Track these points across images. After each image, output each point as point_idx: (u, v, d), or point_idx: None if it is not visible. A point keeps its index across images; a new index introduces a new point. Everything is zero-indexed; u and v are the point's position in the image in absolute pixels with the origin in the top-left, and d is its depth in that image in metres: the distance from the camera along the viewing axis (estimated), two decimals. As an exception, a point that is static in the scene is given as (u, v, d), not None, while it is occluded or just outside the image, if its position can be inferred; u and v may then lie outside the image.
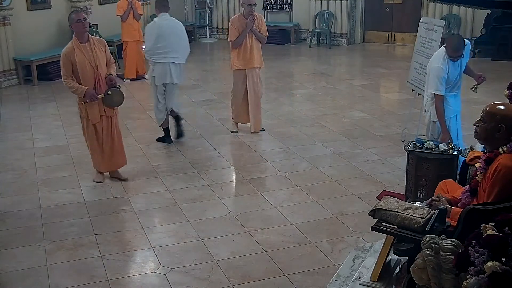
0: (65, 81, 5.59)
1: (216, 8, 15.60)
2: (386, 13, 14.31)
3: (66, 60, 5.52)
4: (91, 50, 5.56)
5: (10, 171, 6.35)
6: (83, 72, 5.53)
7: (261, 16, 7.49)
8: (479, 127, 3.42)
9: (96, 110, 5.68)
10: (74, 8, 11.82)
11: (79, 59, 5.49)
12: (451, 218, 3.39)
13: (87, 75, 5.54)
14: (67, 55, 5.51)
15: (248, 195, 5.63)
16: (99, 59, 5.59)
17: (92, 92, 5.54)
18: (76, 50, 5.50)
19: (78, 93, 5.56)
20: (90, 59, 5.54)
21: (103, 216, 5.22)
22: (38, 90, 10.24)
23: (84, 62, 5.51)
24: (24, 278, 4.24)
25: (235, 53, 7.31)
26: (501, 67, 11.29)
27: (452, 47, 5.17)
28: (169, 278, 4.19)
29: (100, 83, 5.60)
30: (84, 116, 5.72)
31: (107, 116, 5.77)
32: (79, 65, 5.50)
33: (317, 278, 4.14)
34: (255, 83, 7.35)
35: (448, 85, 5.33)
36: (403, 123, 7.41)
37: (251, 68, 7.29)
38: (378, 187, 5.72)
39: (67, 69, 5.54)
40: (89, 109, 5.65)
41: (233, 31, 7.20)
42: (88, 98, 5.55)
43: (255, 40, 7.26)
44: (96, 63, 5.57)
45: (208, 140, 7.26)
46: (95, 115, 5.68)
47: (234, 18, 7.33)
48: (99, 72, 5.59)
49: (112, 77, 5.70)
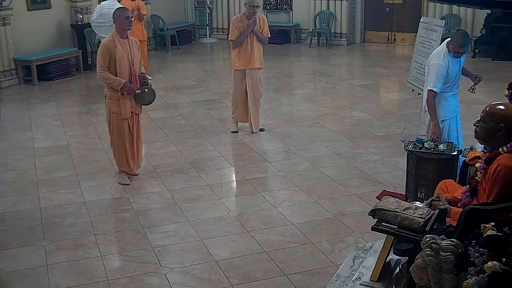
0: (101, 72, 5.57)
1: (216, 8, 15.60)
2: (386, 13, 14.32)
3: (106, 51, 5.55)
4: (129, 46, 5.66)
5: (10, 171, 6.35)
6: (120, 66, 5.57)
7: (263, 17, 7.49)
8: (479, 127, 3.42)
9: (128, 105, 5.73)
10: (74, 8, 11.83)
11: (119, 53, 5.56)
12: (451, 218, 3.39)
13: (124, 70, 5.60)
14: (107, 47, 5.55)
15: (248, 195, 5.63)
16: (135, 56, 5.70)
17: (130, 86, 5.62)
18: (117, 44, 5.57)
19: (115, 85, 5.57)
20: (129, 55, 5.63)
21: (103, 216, 5.22)
22: (38, 90, 10.23)
23: (124, 56, 5.59)
24: (24, 278, 4.24)
25: (235, 52, 7.31)
26: (501, 67, 11.29)
27: (459, 43, 5.17)
28: (169, 278, 4.19)
29: (136, 79, 5.69)
30: (115, 112, 5.71)
31: (136, 113, 5.86)
32: (119, 59, 5.56)
33: (317, 278, 4.14)
34: (254, 84, 7.34)
35: (448, 83, 5.32)
36: (403, 123, 7.41)
37: (251, 69, 7.29)
38: (378, 187, 5.72)
39: (105, 61, 5.55)
40: (122, 104, 5.68)
41: (234, 31, 7.20)
42: (126, 91, 5.60)
43: (256, 41, 7.26)
44: (133, 60, 5.67)
45: (208, 140, 7.26)
46: (127, 109, 5.73)
47: (236, 18, 7.33)
48: (135, 68, 5.69)
49: (145, 76, 5.85)
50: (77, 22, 11.86)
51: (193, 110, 8.76)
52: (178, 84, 10.53)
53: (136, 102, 5.79)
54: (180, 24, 15.21)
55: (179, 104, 9.08)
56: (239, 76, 7.36)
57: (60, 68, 11.15)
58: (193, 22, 15.88)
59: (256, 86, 7.37)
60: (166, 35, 14.06)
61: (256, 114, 7.47)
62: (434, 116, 5.28)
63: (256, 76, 7.37)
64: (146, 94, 5.82)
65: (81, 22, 11.83)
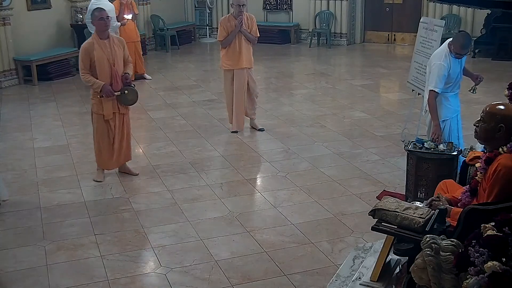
0: (82, 75, 5.68)
1: (216, 8, 15.60)
2: (386, 13, 14.31)
3: (85, 54, 5.61)
4: (110, 47, 5.66)
5: (10, 171, 6.35)
6: (100, 67, 5.62)
7: (252, 16, 7.47)
8: (479, 127, 3.42)
9: (111, 106, 5.77)
10: (74, 8, 11.83)
11: (98, 54, 5.59)
12: (451, 218, 3.39)
13: (104, 71, 5.64)
14: (86, 49, 5.61)
15: (248, 195, 5.63)
16: (117, 56, 5.70)
17: (109, 88, 5.64)
18: (95, 46, 5.60)
19: (95, 87, 5.66)
20: (109, 56, 5.64)
21: (103, 216, 5.22)
22: (38, 90, 10.23)
23: (103, 58, 5.61)
24: (24, 278, 4.24)
25: (223, 52, 7.32)
26: (501, 67, 11.28)
27: (461, 45, 5.16)
28: (169, 278, 4.19)
29: (117, 80, 5.71)
30: (97, 112, 5.79)
31: (120, 113, 5.88)
32: (98, 60, 5.59)
33: (317, 278, 4.14)
34: (241, 84, 7.31)
35: (449, 83, 5.32)
36: (403, 123, 7.41)
37: (239, 69, 7.28)
38: (378, 187, 5.72)
39: (85, 63, 5.63)
40: (104, 104, 5.74)
41: (221, 31, 7.23)
42: (105, 93, 5.64)
43: (244, 41, 7.24)
44: (114, 60, 5.68)
45: (208, 140, 7.26)
46: (109, 110, 5.77)
47: (224, 18, 7.37)
48: (116, 69, 5.70)
49: (128, 76, 5.83)
50: (77, 22, 11.86)
51: (193, 110, 8.76)
52: (178, 84, 10.53)
53: (119, 103, 5.81)
54: (180, 24, 15.21)
55: (179, 104, 9.08)
56: (229, 76, 7.37)
57: (60, 68, 11.15)
58: (193, 22, 15.87)
59: (242, 86, 7.33)
60: (166, 35, 14.05)
61: (241, 114, 7.43)
62: (436, 117, 5.28)
63: (244, 77, 7.32)
64: (128, 95, 5.81)
65: (81, 22, 11.81)
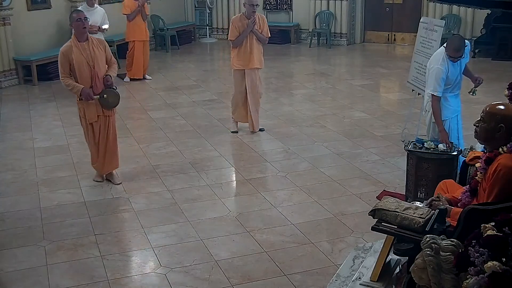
0: (62, 79, 5.63)
1: (216, 8, 15.60)
2: (386, 13, 14.31)
3: (63, 58, 5.56)
4: (89, 49, 5.58)
5: (10, 171, 6.35)
6: (80, 70, 5.56)
7: (263, 17, 7.49)
8: (479, 127, 3.42)
9: (94, 109, 5.69)
10: (74, 8, 11.82)
11: (76, 57, 5.52)
12: (451, 218, 3.39)
13: (84, 74, 5.57)
14: (64, 53, 5.55)
15: (248, 195, 5.63)
16: (97, 58, 5.61)
17: (88, 91, 5.56)
18: (74, 49, 5.53)
19: (74, 91, 5.60)
20: (88, 58, 5.56)
21: (103, 216, 5.22)
22: (38, 90, 10.23)
23: (82, 61, 5.54)
24: (24, 278, 4.24)
25: (235, 52, 7.30)
26: (501, 67, 11.30)
27: (454, 48, 5.17)
28: (169, 278, 4.19)
29: (97, 83, 5.62)
30: (82, 116, 5.75)
31: (105, 116, 5.77)
32: (76, 63, 5.52)
33: (317, 278, 4.14)
34: (253, 84, 7.34)
35: (449, 85, 5.33)
36: (403, 123, 7.41)
37: (250, 69, 7.29)
38: (378, 187, 5.72)
39: (64, 67, 5.58)
40: (86, 108, 5.67)
41: (233, 31, 7.20)
42: (84, 97, 5.57)
43: (255, 41, 7.25)
44: (94, 63, 5.59)
45: (208, 140, 7.26)
46: (92, 114, 5.69)
47: (235, 18, 7.33)
48: (97, 71, 5.61)
49: (108, 78, 5.70)
50: (77, 22, 11.84)
51: (193, 110, 8.76)
52: (178, 84, 10.53)
53: (101, 106, 5.70)
54: (180, 24, 15.21)
55: (179, 104, 9.08)
56: (239, 76, 7.36)
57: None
58: (193, 22, 15.88)
59: (255, 86, 7.37)
60: (166, 35, 14.05)
61: (256, 113, 7.47)
62: (440, 122, 5.23)
63: (256, 76, 7.37)
64: (108, 98, 5.68)
65: (81, 22, 11.81)
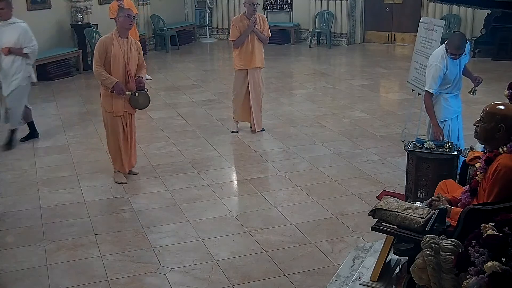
0: (96, 68, 5.60)
1: (216, 8, 15.60)
2: (386, 13, 14.31)
3: (102, 47, 5.58)
4: (127, 46, 5.66)
5: (10, 171, 6.35)
6: (115, 64, 5.59)
7: (264, 16, 7.50)
8: (479, 127, 3.42)
9: (121, 104, 5.74)
10: (74, 8, 11.82)
11: (115, 50, 5.57)
12: (451, 218, 3.39)
13: (118, 68, 5.61)
14: (105, 43, 5.58)
15: (248, 195, 5.63)
16: (132, 57, 5.69)
17: (121, 86, 5.60)
18: (114, 42, 5.59)
19: (108, 82, 5.58)
20: (124, 54, 5.62)
21: (103, 216, 5.22)
22: (38, 90, 10.21)
23: (119, 55, 5.59)
24: (24, 278, 4.24)
25: (236, 53, 7.32)
26: (501, 67, 11.30)
27: (455, 45, 5.17)
28: (169, 278, 4.19)
29: (129, 79, 5.68)
30: (109, 110, 5.74)
31: (128, 113, 5.86)
32: (114, 56, 5.57)
33: (317, 278, 4.14)
34: (256, 83, 7.36)
35: (448, 84, 5.33)
36: (403, 123, 7.41)
37: (252, 68, 7.30)
38: (378, 187, 5.72)
39: (101, 57, 5.59)
40: (114, 102, 5.70)
41: (234, 31, 7.20)
42: (117, 91, 5.59)
43: (257, 41, 7.26)
44: (129, 59, 5.66)
45: (208, 140, 7.26)
46: (119, 107, 5.73)
47: (236, 18, 7.34)
48: (130, 68, 5.67)
49: (141, 80, 5.80)
50: (77, 22, 11.86)
51: (193, 110, 8.76)
52: (178, 84, 10.53)
53: (130, 104, 5.79)
54: (180, 24, 15.22)
55: (179, 104, 9.08)
56: (241, 76, 7.37)
57: (60, 68, 11.15)
58: (193, 22, 15.88)
59: (258, 85, 7.39)
60: (166, 35, 14.05)
61: (259, 113, 7.50)
62: (433, 116, 5.30)
63: (258, 75, 7.38)
64: (139, 98, 5.78)
65: (81, 22, 11.83)
